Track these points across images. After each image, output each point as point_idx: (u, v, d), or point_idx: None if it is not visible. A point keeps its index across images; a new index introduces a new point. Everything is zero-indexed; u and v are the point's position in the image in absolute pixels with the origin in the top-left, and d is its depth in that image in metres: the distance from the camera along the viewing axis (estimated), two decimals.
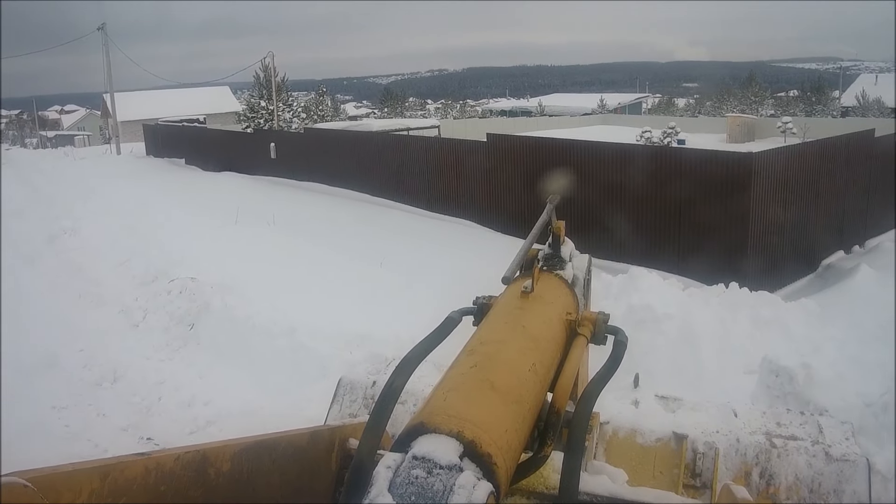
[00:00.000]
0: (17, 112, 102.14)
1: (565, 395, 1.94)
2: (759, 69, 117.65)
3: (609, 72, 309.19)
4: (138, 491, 1.78)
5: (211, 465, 2.06)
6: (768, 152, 11.41)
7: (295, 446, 2.48)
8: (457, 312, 2.43)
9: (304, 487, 2.54)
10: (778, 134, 37.78)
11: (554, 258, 2.80)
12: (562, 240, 2.85)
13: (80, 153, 38.13)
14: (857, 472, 3.22)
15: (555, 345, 2.15)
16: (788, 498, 3.25)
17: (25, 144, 64.45)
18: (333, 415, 4.07)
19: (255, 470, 2.25)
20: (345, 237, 13.02)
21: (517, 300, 2.27)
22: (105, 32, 41.75)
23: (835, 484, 3.21)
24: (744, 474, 3.37)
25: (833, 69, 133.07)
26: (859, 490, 3.18)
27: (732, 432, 3.52)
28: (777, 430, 3.55)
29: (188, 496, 1.96)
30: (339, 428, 2.77)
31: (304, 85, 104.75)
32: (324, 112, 55.92)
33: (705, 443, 3.44)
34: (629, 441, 3.56)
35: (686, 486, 3.37)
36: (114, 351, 7.66)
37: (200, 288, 8.86)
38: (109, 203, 16.42)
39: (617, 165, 12.42)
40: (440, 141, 18.36)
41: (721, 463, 3.39)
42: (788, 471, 3.31)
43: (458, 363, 1.87)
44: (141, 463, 1.80)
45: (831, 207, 12.78)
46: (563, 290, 2.55)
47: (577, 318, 2.33)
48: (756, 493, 3.29)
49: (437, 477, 1.33)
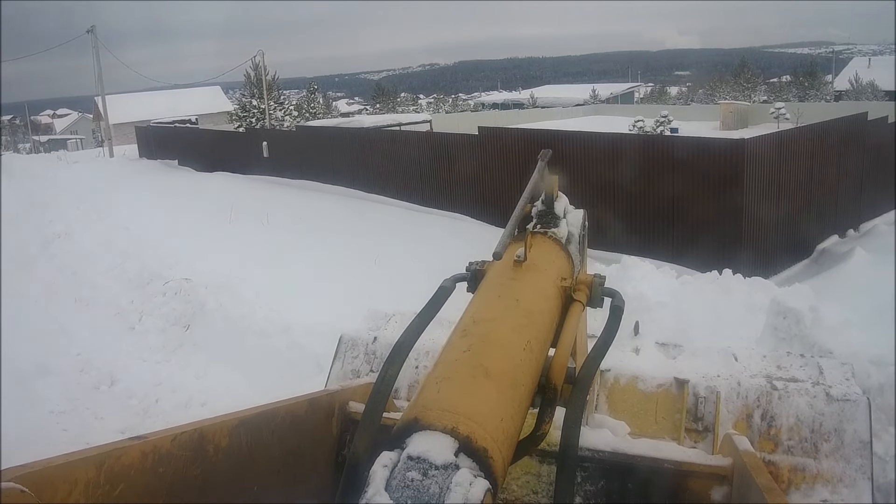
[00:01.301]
0: (10, 117, 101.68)
1: (562, 370, 1.92)
2: (750, 55, 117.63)
3: (600, 62, 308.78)
4: (136, 476, 1.77)
5: (209, 441, 2.05)
6: (760, 138, 11.41)
7: (294, 415, 2.46)
8: (449, 280, 2.37)
9: (306, 454, 2.54)
10: (771, 120, 37.76)
11: (548, 215, 2.73)
12: (555, 195, 2.78)
13: (73, 157, 38.03)
14: (858, 411, 3.23)
15: (550, 316, 2.11)
16: (790, 439, 3.26)
17: (18, 149, 64.24)
18: (336, 372, 4.10)
19: (255, 442, 2.24)
20: (339, 234, 13.00)
21: (510, 270, 2.20)
22: (95, 35, 41.63)
23: (836, 424, 3.23)
24: (745, 417, 3.38)
25: (825, 53, 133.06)
26: (860, 429, 3.19)
27: (733, 376, 3.55)
28: (778, 373, 3.57)
29: (188, 475, 1.95)
30: (338, 392, 2.77)
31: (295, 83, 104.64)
32: (316, 109, 55.78)
33: (706, 387, 3.48)
34: (630, 388, 3.60)
35: (688, 430, 3.41)
36: (110, 354, 7.65)
37: (195, 289, 8.84)
38: (103, 206, 16.38)
39: (610, 155, 12.42)
40: (432, 135, 18.34)
41: (722, 406, 3.42)
42: (789, 412, 3.33)
43: (452, 346, 1.84)
44: (137, 448, 1.79)
45: (825, 191, 12.79)
46: (557, 253, 2.47)
47: (573, 284, 2.28)
48: (758, 435, 3.31)
49: (432, 479, 1.33)
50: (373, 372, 4.02)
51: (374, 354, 4.09)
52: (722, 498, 2.37)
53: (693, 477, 2.43)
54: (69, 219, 14.88)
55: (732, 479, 2.35)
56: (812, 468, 3.17)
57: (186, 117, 51.65)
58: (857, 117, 13.76)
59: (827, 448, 3.19)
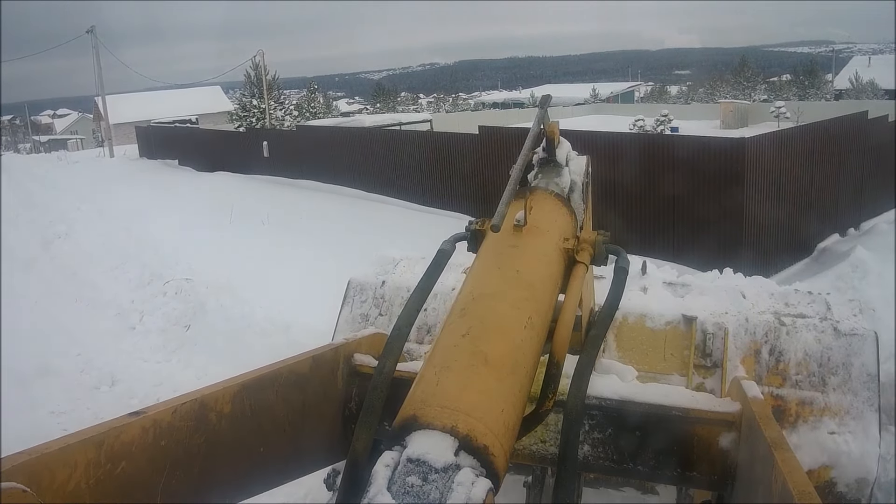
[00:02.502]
0: (10, 117, 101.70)
1: (564, 345, 1.88)
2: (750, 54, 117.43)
3: (601, 61, 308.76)
4: (137, 452, 1.74)
5: (210, 409, 2.01)
6: (761, 137, 11.40)
7: (297, 374, 2.43)
8: (448, 242, 2.29)
9: (312, 412, 2.50)
10: (771, 119, 37.75)
11: (549, 163, 2.65)
12: (556, 142, 2.68)
13: (73, 157, 38.04)
14: (866, 345, 3.26)
15: (552, 283, 2.06)
16: (798, 373, 3.29)
17: (19, 150, 64.25)
18: (344, 316, 4.10)
19: (258, 405, 2.20)
20: (339, 234, 13.00)
21: (510, 236, 2.11)
22: (95, 35, 41.64)
23: (843, 358, 3.26)
24: (753, 353, 3.40)
25: (825, 52, 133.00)
26: (868, 362, 3.22)
27: (741, 313, 3.56)
28: (786, 310, 3.59)
29: (191, 445, 1.92)
30: (342, 346, 2.73)
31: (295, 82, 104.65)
32: (316, 109, 55.75)
33: (714, 323, 3.50)
34: (639, 326, 3.61)
35: (697, 366, 3.43)
36: (111, 354, 7.65)
37: (196, 289, 8.85)
38: (103, 206, 16.38)
39: (610, 154, 12.40)
40: (432, 135, 18.35)
41: (731, 342, 3.43)
42: (797, 347, 3.35)
43: (450, 327, 1.79)
44: (136, 424, 1.75)
45: (826, 190, 12.78)
46: (560, 211, 2.36)
47: (575, 245, 2.20)
48: (766, 370, 3.34)
49: (432, 484, 1.32)
50: (381, 316, 4.02)
51: (382, 298, 4.08)
52: (730, 444, 2.35)
53: (701, 423, 2.41)
54: (70, 219, 14.89)
55: (741, 426, 2.33)
56: (820, 401, 3.20)
57: (187, 117, 51.72)
58: (858, 116, 13.74)
59: (834, 381, 3.22)
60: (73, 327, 8.49)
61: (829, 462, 3.06)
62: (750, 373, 3.34)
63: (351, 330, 3.93)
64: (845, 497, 3.06)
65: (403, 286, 4.06)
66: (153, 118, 45.05)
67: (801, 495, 1.50)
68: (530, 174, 2.63)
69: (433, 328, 3.85)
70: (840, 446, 3.06)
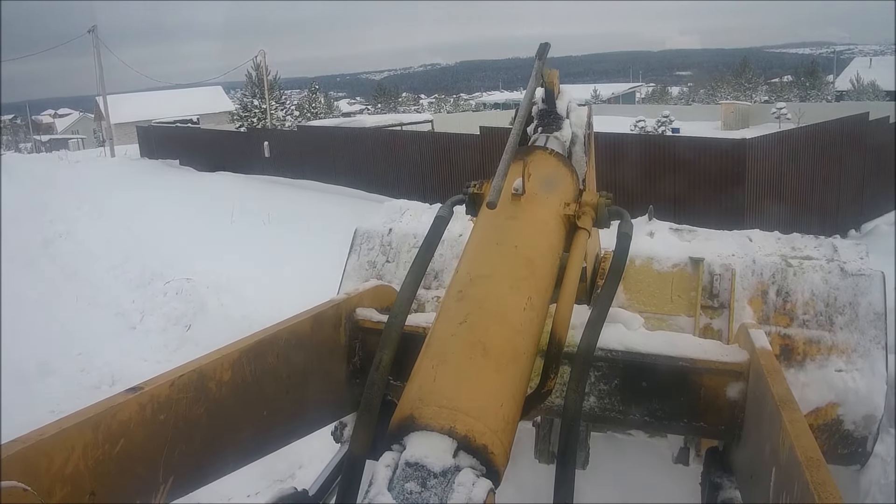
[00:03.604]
0: (11, 117, 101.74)
1: (565, 323, 1.82)
2: (751, 55, 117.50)
3: (602, 62, 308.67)
4: (136, 429, 1.70)
5: (210, 379, 1.98)
6: (762, 138, 11.41)
7: (299, 335, 2.39)
8: (445, 207, 2.20)
9: (315, 370, 2.47)
10: (772, 120, 37.74)
11: (549, 115, 2.54)
12: (556, 92, 2.57)
13: (74, 157, 38.01)
14: (873, 285, 3.27)
15: (553, 256, 2.00)
16: (805, 313, 3.29)
17: (20, 149, 64.25)
18: (352, 264, 4.13)
19: (259, 370, 2.16)
20: (340, 234, 12.95)
21: (508, 206, 2.03)
22: (96, 35, 41.66)
23: (850, 297, 3.27)
24: (760, 294, 3.41)
25: (826, 54, 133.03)
26: (875, 301, 3.23)
27: (748, 255, 3.57)
28: (792, 253, 3.62)
29: (191, 416, 1.88)
30: (343, 302, 2.69)
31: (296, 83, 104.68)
32: (317, 109, 55.80)
33: (722, 265, 3.51)
34: (646, 269, 3.61)
35: (704, 307, 3.44)
36: (111, 354, 7.64)
37: (196, 289, 8.84)
38: (104, 206, 16.38)
39: (611, 155, 12.40)
40: (434, 135, 18.35)
41: (738, 283, 3.44)
42: (804, 287, 3.36)
43: (447, 314, 1.74)
44: (133, 401, 1.72)
45: (826, 191, 12.77)
46: (560, 173, 2.25)
47: (577, 211, 2.11)
48: (773, 310, 3.34)
49: (431, 490, 1.31)
50: (388, 262, 4.03)
51: (389, 245, 4.10)
52: (737, 394, 2.32)
53: (708, 373, 2.37)
54: (70, 218, 14.90)
55: (748, 377, 2.30)
56: (827, 340, 3.21)
57: (188, 117, 51.72)
58: (859, 117, 13.73)
59: (842, 321, 3.23)
60: (73, 327, 8.49)
61: (836, 399, 3.06)
62: (757, 313, 3.35)
63: (358, 277, 3.96)
64: (852, 435, 3.06)
65: (410, 233, 4.08)
66: (154, 118, 45.05)
67: (808, 462, 1.47)
68: (530, 127, 2.55)
69: (440, 273, 3.85)
70: (847, 383, 3.07)
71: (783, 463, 1.63)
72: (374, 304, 2.89)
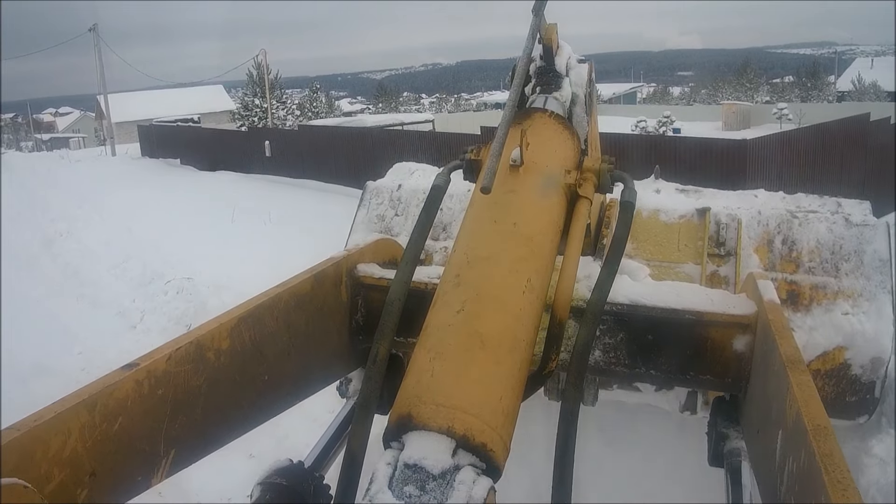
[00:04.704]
0: (12, 115, 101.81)
1: (566, 303, 1.76)
2: (753, 56, 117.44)
3: (603, 62, 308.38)
4: (133, 406, 1.67)
5: (208, 349, 1.93)
6: (763, 138, 11.40)
7: (299, 296, 2.33)
8: (442, 175, 2.09)
9: (316, 330, 2.43)
10: (774, 120, 37.72)
11: (548, 73, 2.42)
12: (555, 49, 2.42)
13: (75, 156, 38.08)
14: (878, 233, 3.34)
15: (553, 231, 1.92)
16: (811, 261, 3.35)
17: (21, 148, 64.29)
18: (360, 217, 4.15)
19: (259, 334, 2.11)
20: (340, 233, 12.96)
21: (506, 178, 1.94)
22: (97, 33, 41.67)
23: (855, 246, 3.34)
24: (766, 243, 3.47)
25: (828, 54, 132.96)
26: (880, 248, 3.29)
27: (753, 206, 3.65)
28: (797, 208, 3.68)
29: (190, 388, 1.84)
30: (343, 259, 2.63)
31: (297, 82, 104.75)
32: (318, 109, 55.79)
33: (728, 215, 3.58)
34: (653, 220, 3.67)
35: (711, 255, 3.50)
36: (112, 353, 7.64)
37: (197, 288, 8.85)
38: (105, 205, 16.39)
39: (612, 155, 12.39)
40: (435, 135, 18.36)
41: (744, 233, 3.50)
42: (810, 236, 3.43)
43: (444, 299, 1.70)
44: (129, 378, 1.67)
45: (827, 192, 12.74)
46: (560, 137, 2.15)
47: (577, 179, 2.01)
48: (779, 258, 3.40)
49: (430, 494, 1.30)
50: (398, 216, 4.04)
51: (398, 200, 4.11)
52: (744, 347, 2.27)
53: (715, 326, 2.32)
54: (71, 218, 14.90)
55: (756, 329, 2.25)
56: (833, 286, 3.27)
57: (189, 116, 51.71)
58: (860, 118, 13.74)
59: (847, 267, 3.30)
60: (73, 325, 8.50)
61: (843, 342, 3.08)
62: (763, 261, 3.41)
63: (367, 230, 3.98)
64: (860, 380, 3.07)
65: (420, 188, 4.09)
66: (155, 117, 45.11)
67: (816, 431, 1.43)
68: (528, 87, 2.45)
69: (448, 226, 3.88)
70: (854, 326, 3.10)
71: (790, 427, 1.59)
72: (376, 258, 2.84)
